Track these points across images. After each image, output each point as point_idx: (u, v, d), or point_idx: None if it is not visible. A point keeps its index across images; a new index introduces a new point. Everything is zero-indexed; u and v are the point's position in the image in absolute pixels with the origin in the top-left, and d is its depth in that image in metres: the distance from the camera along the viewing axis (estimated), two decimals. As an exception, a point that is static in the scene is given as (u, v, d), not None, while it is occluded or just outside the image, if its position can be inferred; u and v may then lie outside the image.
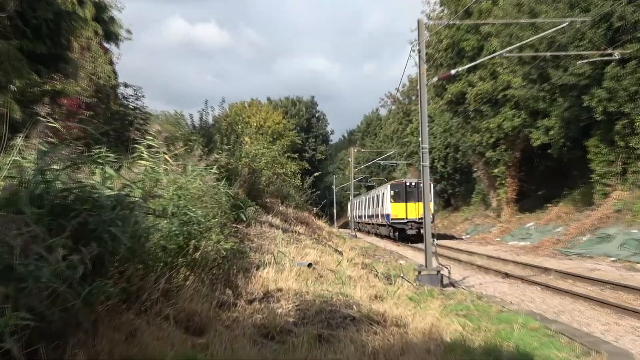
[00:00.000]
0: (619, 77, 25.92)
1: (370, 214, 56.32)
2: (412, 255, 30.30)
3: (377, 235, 52.18)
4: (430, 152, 37.74)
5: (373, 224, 55.09)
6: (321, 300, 9.37)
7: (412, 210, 42.50)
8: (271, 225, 17.21)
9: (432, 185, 45.79)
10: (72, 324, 5.32)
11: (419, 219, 42.29)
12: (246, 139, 21.93)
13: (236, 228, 12.56)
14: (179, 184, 9.24)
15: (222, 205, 10.88)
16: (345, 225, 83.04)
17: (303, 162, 54.27)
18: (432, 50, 43.46)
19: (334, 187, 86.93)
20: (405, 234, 42.75)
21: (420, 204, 44.56)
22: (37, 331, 4.83)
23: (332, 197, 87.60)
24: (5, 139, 6.75)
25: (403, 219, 42.77)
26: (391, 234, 45.18)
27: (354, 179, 65.53)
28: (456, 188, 62.72)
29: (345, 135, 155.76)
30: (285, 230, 17.55)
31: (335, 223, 75.35)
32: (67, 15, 15.93)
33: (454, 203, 64.59)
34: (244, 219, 13.85)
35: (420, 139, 18.47)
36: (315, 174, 37.20)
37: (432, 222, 18.97)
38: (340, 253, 19.12)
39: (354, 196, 63.71)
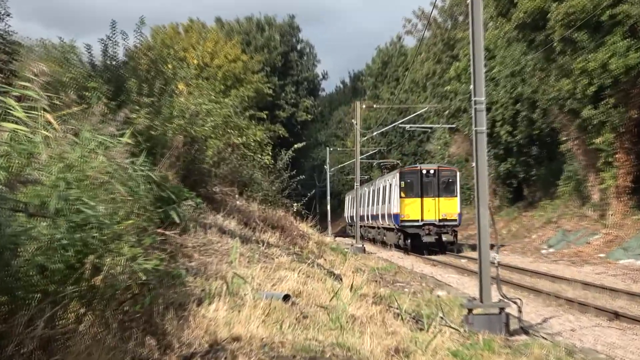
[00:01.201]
0: None
1: (372, 213, 60.77)
2: (457, 281, 30.59)
3: (382, 243, 57.07)
4: (488, 110, 37.15)
5: (377, 227, 59.83)
6: (306, 356, 9.33)
7: (431, 209, 48.61)
8: (222, 231, 17.34)
9: (457, 172, 50.45)
10: None
11: (440, 220, 48.48)
12: (181, 86, 21.93)
13: (164, 236, 11.87)
14: (69, 161, 9.01)
15: (141, 198, 10.25)
16: (346, 232, 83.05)
17: (276, 125, 54.45)
18: None
19: (327, 167, 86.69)
20: (421, 241, 48.34)
21: (442, 200, 49.36)
22: None
23: (324, 184, 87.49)
24: None
25: (417, 220, 48.81)
26: (401, 241, 50.39)
27: (361, 154, 65.57)
28: (532, 170, 62.64)
29: (347, 81, 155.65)
30: (246, 240, 17.74)
31: (329, 228, 75.42)
32: None
33: (528, 195, 64.71)
34: (177, 221, 13.19)
35: (472, 87, 18.36)
36: (296, 146, 36.97)
37: (492, 226, 18.91)
38: (338, 278, 19.16)
39: (361, 184, 64.15)
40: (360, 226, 65.00)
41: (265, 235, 20.55)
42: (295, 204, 32.56)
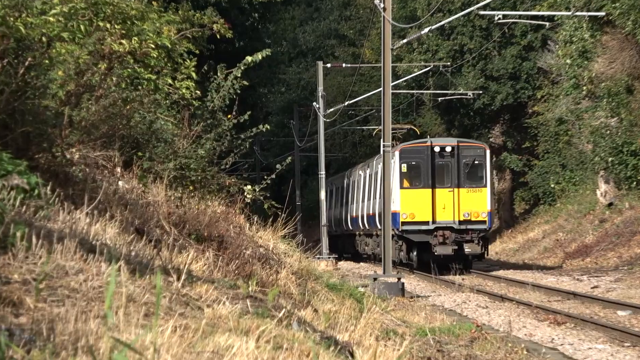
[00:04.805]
0: None
1: (358, 213, 52.95)
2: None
3: (376, 259, 48.88)
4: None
5: (376, 235, 50.19)
6: None
7: (447, 205, 40.76)
8: (89, 247, 12.05)
9: (487, 150, 43.46)
10: None
11: (461, 222, 40.78)
12: None
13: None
14: None
15: None
16: (358, 249, 62.48)
17: (206, 13, 31.04)
18: None
19: (320, 105, 58.72)
20: (432, 254, 40.40)
21: (465, 192, 39.67)
22: None
23: (313, 143, 64.80)
24: None
25: (426, 222, 40.93)
26: (402, 254, 42.74)
27: (397, 77, 52.95)
28: None
29: None
30: (140, 267, 12.41)
31: (325, 239, 56.74)
32: None
33: None
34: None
35: None
36: (250, 58, 22.57)
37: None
38: (346, 352, 13.22)
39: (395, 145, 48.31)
40: (350, 234, 57.03)
41: (182, 256, 14.18)
42: (249, 187, 20.78)
